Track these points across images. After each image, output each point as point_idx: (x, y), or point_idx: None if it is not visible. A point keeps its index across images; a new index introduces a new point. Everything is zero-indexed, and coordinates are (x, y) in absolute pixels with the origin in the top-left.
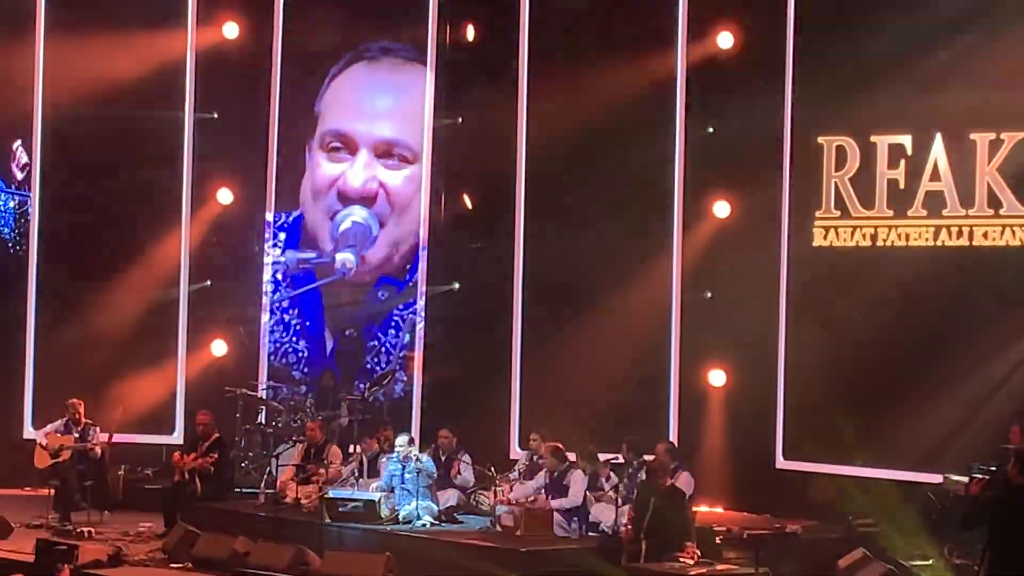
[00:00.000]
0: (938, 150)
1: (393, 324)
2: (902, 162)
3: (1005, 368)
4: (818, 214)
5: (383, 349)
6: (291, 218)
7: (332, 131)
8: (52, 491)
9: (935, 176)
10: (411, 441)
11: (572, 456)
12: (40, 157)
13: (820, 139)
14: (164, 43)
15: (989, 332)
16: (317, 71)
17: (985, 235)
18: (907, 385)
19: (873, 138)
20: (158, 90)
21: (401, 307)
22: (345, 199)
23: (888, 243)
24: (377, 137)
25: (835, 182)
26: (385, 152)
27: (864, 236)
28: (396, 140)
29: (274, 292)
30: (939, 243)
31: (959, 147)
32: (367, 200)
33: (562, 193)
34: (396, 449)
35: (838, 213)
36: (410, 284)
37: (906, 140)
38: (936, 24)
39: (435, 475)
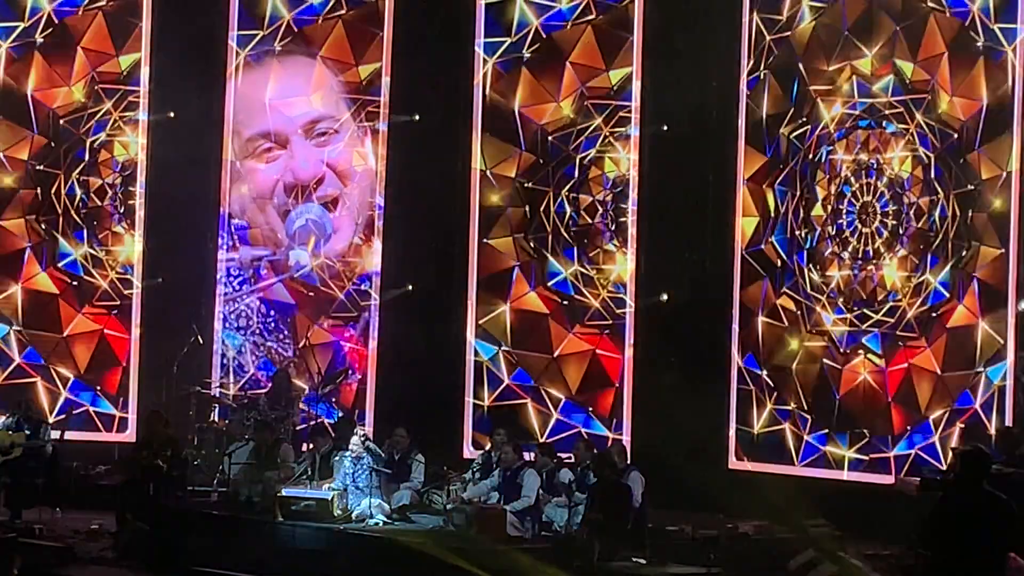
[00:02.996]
0: None
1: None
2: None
3: None
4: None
5: (336, 347)
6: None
7: (258, 134)
8: (3, 489)
9: None
10: (364, 439)
11: (528, 456)
12: None
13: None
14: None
15: None
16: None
17: None
18: None
19: None
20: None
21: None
22: (294, 189)
23: None
24: (300, 120)
25: None
26: (311, 130)
27: None
28: (319, 115)
29: (227, 290)
30: None
31: None
32: (318, 183)
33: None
34: (350, 448)
35: None
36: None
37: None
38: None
39: (383, 458)
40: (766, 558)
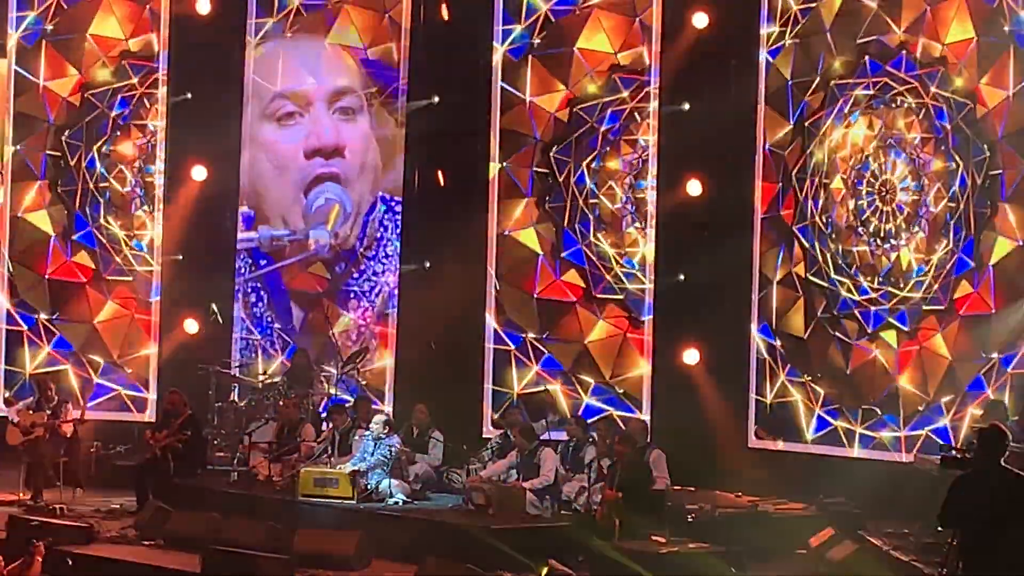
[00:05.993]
0: None
1: (352, 297)
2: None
3: None
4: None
5: (354, 326)
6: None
7: (280, 93)
8: (24, 469)
9: None
10: (387, 424)
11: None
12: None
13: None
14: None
15: None
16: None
17: None
18: None
19: None
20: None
21: (355, 276)
22: (317, 154)
23: None
24: (327, 88)
25: None
26: (336, 101)
27: None
28: (346, 87)
29: (246, 269)
30: None
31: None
32: (337, 153)
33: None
34: (371, 428)
35: None
36: (360, 252)
37: None
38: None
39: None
40: (786, 536)
